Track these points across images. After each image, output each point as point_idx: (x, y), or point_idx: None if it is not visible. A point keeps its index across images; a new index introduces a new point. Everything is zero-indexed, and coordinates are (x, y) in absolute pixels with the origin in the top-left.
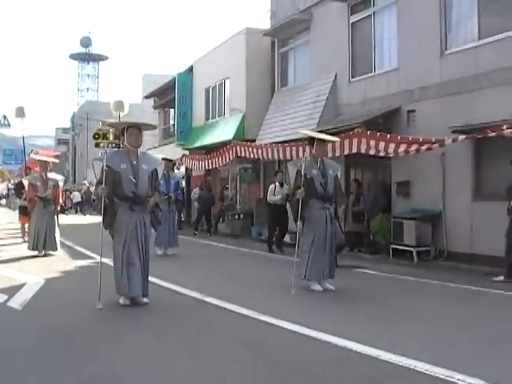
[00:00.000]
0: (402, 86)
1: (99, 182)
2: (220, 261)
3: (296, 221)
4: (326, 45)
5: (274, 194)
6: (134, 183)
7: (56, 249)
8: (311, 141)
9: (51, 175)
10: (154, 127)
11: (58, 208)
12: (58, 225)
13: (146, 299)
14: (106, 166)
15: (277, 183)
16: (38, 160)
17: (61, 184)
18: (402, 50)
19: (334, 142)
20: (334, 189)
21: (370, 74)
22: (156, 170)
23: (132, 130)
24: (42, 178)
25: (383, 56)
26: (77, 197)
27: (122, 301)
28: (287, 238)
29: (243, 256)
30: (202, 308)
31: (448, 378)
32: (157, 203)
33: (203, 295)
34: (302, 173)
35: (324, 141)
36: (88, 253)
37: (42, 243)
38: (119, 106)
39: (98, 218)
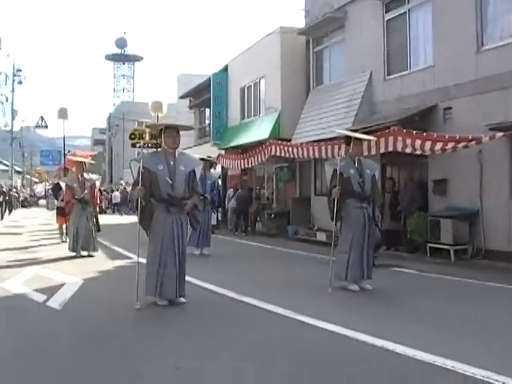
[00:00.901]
0: (438, 83)
1: (136, 183)
2: (256, 260)
3: (332, 220)
4: (361, 42)
5: None
6: (170, 185)
7: (96, 249)
8: (348, 140)
9: (87, 176)
10: (191, 128)
11: (97, 209)
12: (99, 225)
13: (183, 299)
14: (143, 167)
15: None
16: (75, 161)
17: (97, 184)
18: (438, 46)
19: (369, 141)
20: (371, 188)
21: (405, 72)
22: (194, 171)
23: (170, 132)
24: (79, 179)
25: (418, 53)
26: (117, 197)
27: (159, 302)
28: (323, 237)
29: (279, 255)
30: (239, 308)
31: (488, 379)
32: (195, 205)
33: (240, 295)
34: (339, 172)
35: (361, 140)
36: (125, 253)
37: (81, 244)
38: (158, 106)
39: (135, 218)
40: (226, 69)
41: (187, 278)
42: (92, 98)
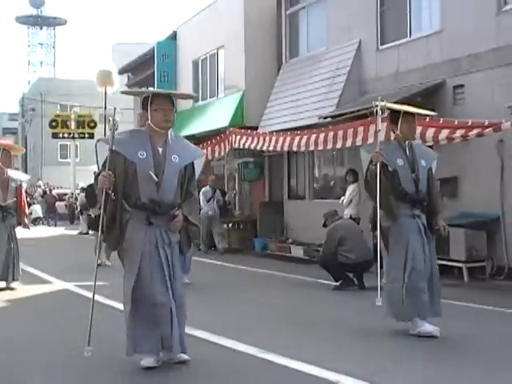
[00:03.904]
0: (447, 54)
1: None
2: (237, 288)
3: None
4: (348, 2)
5: None
6: (155, 183)
7: (17, 278)
8: (394, 117)
9: (12, 173)
10: (191, 97)
11: (26, 220)
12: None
13: (184, 356)
14: (113, 150)
15: None
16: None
17: (24, 186)
18: (447, 6)
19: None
20: (427, 188)
21: (404, 40)
22: (193, 166)
23: (160, 101)
24: (2, 177)
25: (422, 15)
26: (36, 211)
27: (144, 362)
28: (300, 252)
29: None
30: (243, 363)
31: None
32: (188, 219)
33: (238, 342)
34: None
35: (413, 115)
36: (61, 283)
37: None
38: (106, 77)
39: (67, 230)
40: (174, 36)
41: None
42: None
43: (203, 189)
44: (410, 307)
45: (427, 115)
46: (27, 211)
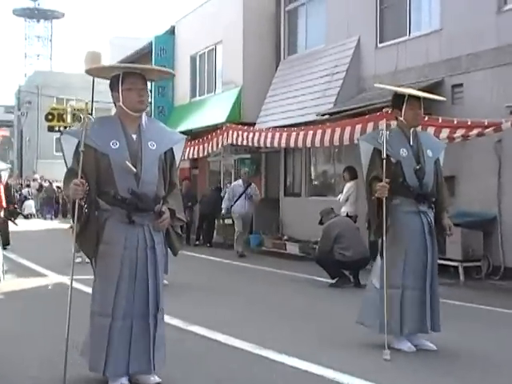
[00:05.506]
0: (446, 53)
1: (71, 173)
2: (232, 284)
3: (376, 234)
4: None
5: None
6: (133, 176)
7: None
8: (397, 101)
9: None
10: (170, 74)
11: (2, 214)
12: (7, 237)
13: (155, 378)
14: (85, 144)
15: None
16: None
17: (4, 175)
18: (447, 5)
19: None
20: (434, 181)
21: (403, 38)
22: (172, 152)
23: (132, 80)
24: None
25: (421, 14)
26: (30, 207)
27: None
28: (295, 249)
29: (256, 276)
30: (238, 359)
31: None
32: (174, 213)
33: (233, 338)
34: (384, 153)
35: (419, 99)
36: (57, 277)
37: None
38: (95, 58)
39: (57, 224)
40: (172, 31)
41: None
42: None
43: (234, 182)
44: (406, 319)
45: (435, 99)
46: (5, 205)
